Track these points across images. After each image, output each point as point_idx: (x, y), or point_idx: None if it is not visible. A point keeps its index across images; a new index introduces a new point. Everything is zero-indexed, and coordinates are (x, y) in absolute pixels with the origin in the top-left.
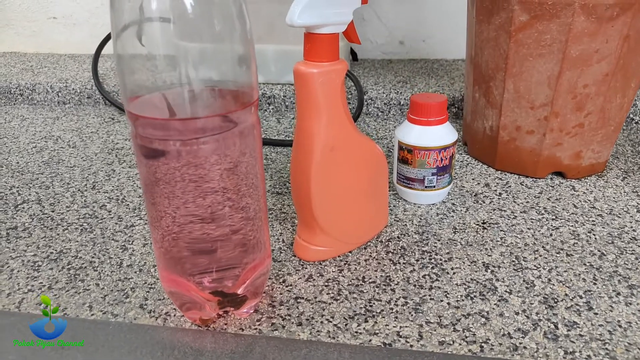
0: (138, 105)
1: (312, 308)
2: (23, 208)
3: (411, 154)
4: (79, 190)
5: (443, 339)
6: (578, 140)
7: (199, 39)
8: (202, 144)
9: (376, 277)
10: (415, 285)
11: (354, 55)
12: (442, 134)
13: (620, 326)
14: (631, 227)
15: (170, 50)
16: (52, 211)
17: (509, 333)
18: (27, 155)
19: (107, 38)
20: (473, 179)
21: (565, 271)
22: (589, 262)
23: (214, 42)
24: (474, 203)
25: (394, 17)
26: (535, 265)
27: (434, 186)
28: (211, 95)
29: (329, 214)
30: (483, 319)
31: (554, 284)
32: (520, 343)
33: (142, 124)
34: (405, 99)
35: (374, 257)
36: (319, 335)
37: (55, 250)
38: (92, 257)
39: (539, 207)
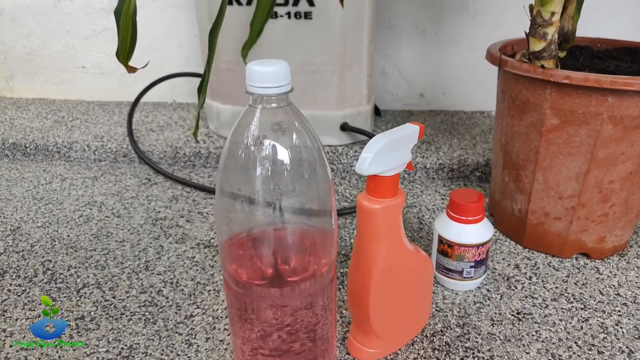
0: (233, 258)
1: None
2: (85, 293)
3: (451, 249)
4: (133, 271)
5: None
6: (602, 227)
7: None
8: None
9: None
10: None
11: (377, 110)
12: (480, 232)
13: None
14: None
15: (267, 199)
16: (113, 297)
17: None
18: (76, 226)
19: (139, 97)
20: (503, 259)
21: None
22: None
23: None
24: (507, 289)
25: (414, 71)
26: None
27: (472, 277)
28: (301, 253)
29: (384, 323)
30: None
31: None
32: None
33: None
34: (430, 163)
35: (422, 356)
36: None
37: (126, 345)
38: (161, 354)
39: (568, 293)
